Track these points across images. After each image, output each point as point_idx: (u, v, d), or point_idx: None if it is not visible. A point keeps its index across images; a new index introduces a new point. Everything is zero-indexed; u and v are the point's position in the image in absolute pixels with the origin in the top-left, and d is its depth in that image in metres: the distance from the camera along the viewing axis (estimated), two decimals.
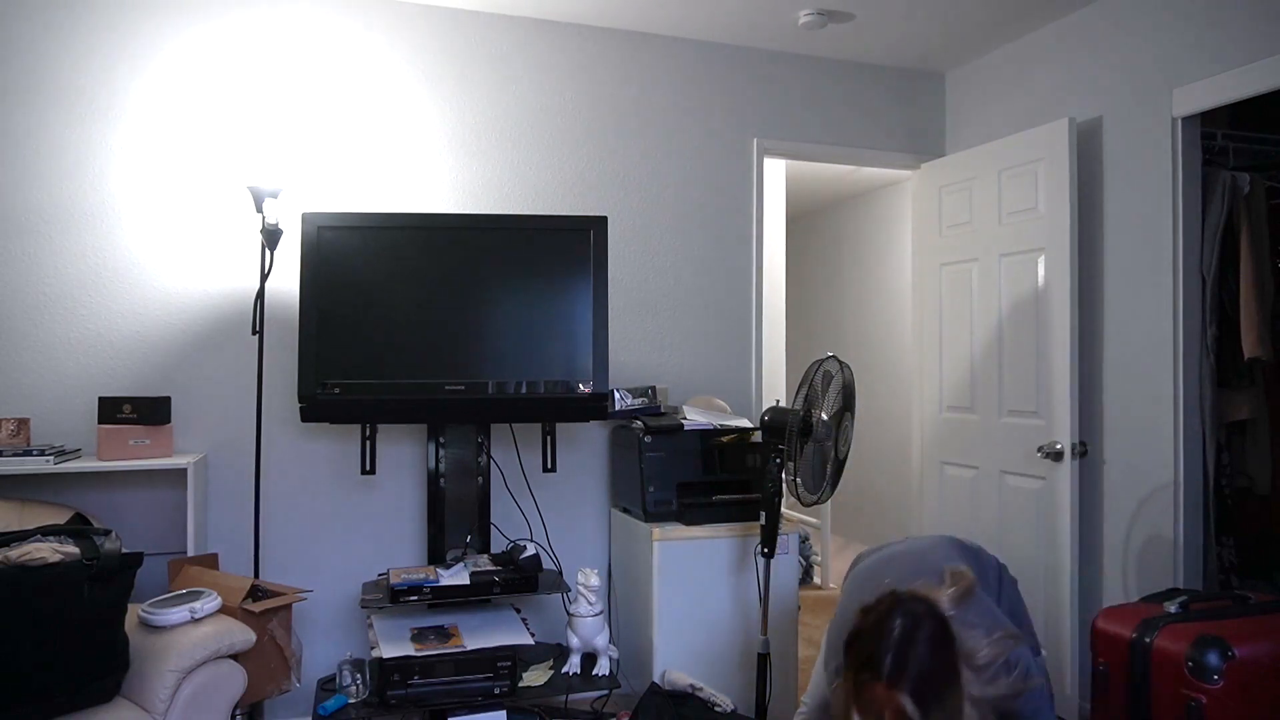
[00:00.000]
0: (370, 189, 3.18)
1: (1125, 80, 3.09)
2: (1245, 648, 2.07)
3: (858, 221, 6.13)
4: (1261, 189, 3.05)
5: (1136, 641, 2.22)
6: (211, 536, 2.98)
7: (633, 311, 3.50)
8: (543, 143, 3.39)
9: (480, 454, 3.02)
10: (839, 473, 2.73)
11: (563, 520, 3.37)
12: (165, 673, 2.15)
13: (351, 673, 2.68)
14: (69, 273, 2.87)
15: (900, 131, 3.92)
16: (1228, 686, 2.04)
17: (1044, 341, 3.22)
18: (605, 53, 3.48)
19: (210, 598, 2.36)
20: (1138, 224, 3.04)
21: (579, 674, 2.87)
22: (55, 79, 2.85)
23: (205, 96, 3.00)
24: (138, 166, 2.93)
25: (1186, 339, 2.90)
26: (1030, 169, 3.29)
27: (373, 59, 3.19)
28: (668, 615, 2.88)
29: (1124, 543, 3.06)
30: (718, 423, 3.11)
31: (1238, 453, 3.12)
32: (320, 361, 2.72)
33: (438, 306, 2.81)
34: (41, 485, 2.80)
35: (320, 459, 3.11)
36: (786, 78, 3.73)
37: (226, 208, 3.02)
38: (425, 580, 2.71)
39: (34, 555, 2.05)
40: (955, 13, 3.33)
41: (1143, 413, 3.01)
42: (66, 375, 2.86)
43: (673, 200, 3.56)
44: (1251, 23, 2.69)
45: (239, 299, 3.03)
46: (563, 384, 2.85)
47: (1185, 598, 2.33)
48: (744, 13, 3.33)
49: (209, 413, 3.00)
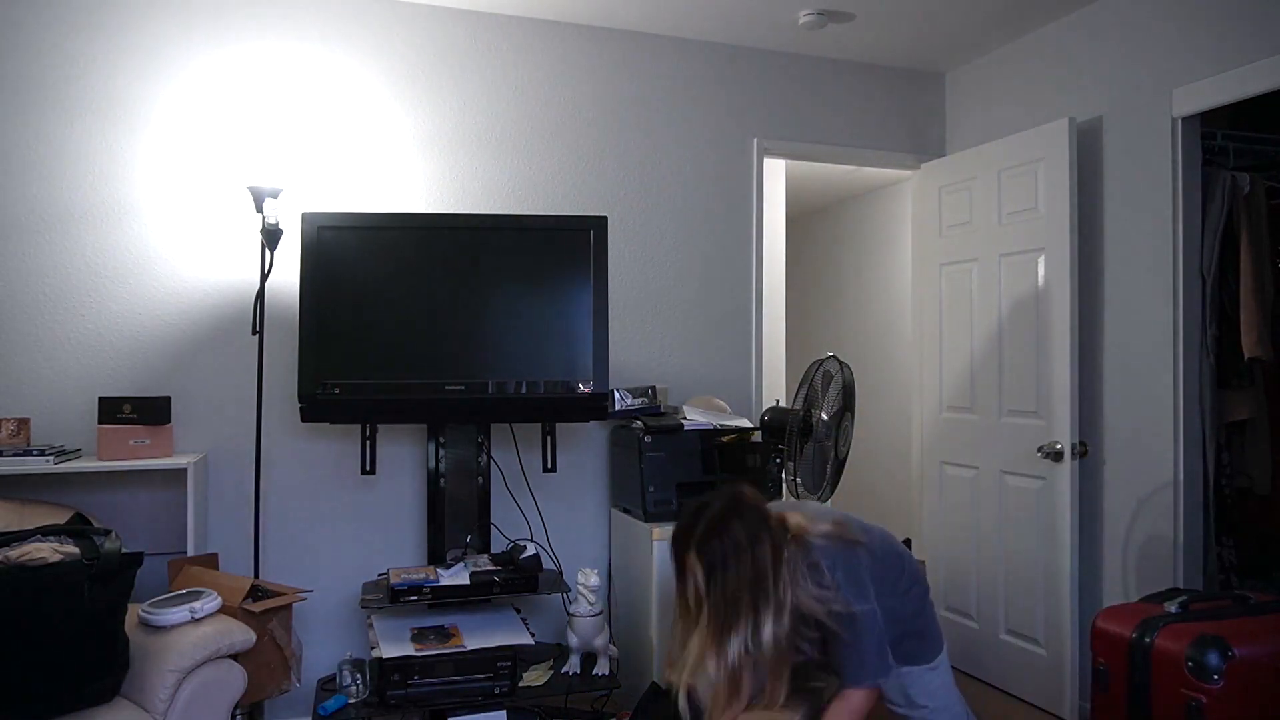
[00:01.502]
0: (369, 189, 3.18)
1: (1125, 80, 3.09)
2: (1245, 648, 2.07)
3: (858, 221, 6.13)
4: (1261, 189, 3.05)
5: (1136, 641, 2.22)
6: (211, 536, 2.98)
7: (633, 311, 3.50)
8: (543, 143, 3.39)
9: (480, 454, 3.02)
10: (839, 473, 2.73)
11: (563, 520, 3.37)
12: (165, 673, 2.15)
13: (351, 673, 2.68)
14: (69, 273, 2.87)
15: (900, 131, 3.92)
16: (1228, 686, 2.04)
17: (1044, 341, 3.22)
18: (605, 52, 3.48)
19: (210, 598, 2.36)
20: (1138, 224, 3.04)
21: (579, 674, 2.87)
22: (54, 81, 2.85)
23: (206, 98, 3.00)
24: (138, 167, 2.93)
25: (1186, 339, 2.90)
26: (1030, 169, 3.29)
27: (373, 59, 3.18)
28: (668, 615, 2.87)
29: (1124, 543, 3.06)
30: (718, 423, 3.11)
31: (1238, 453, 3.12)
32: (320, 361, 2.72)
33: (438, 306, 2.81)
34: (41, 485, 2.80)
35: (320, 459, 3.11)
36: (786, 78, 3.73)
37: (227, 208, 3.01)
38: (425, 580, 2.71)
39: (34, 555, 2.05)
40: (955, 13, 3.33)
41: (1143, 413, 3.01)
42: (66, 375, 2.86)
43: (673, 200, 3.56)
44: (1251, 23, 2.69)
45: (239, 299, 3.03)
46: (563, 384, 2.85)
47: (1185, 598, 2.33)
48: (744, 13, 3.33)
49: (209, 413, 3.00)
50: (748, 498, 1.93)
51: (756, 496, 1.95)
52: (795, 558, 1.88)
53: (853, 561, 1.96)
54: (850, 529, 2.03)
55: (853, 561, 1.96)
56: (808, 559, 1.90)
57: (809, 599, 1.86)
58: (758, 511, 1.90)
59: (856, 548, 1.99)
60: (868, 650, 1.91)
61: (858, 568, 1.96)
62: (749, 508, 1.89)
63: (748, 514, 1.88)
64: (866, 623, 1.90)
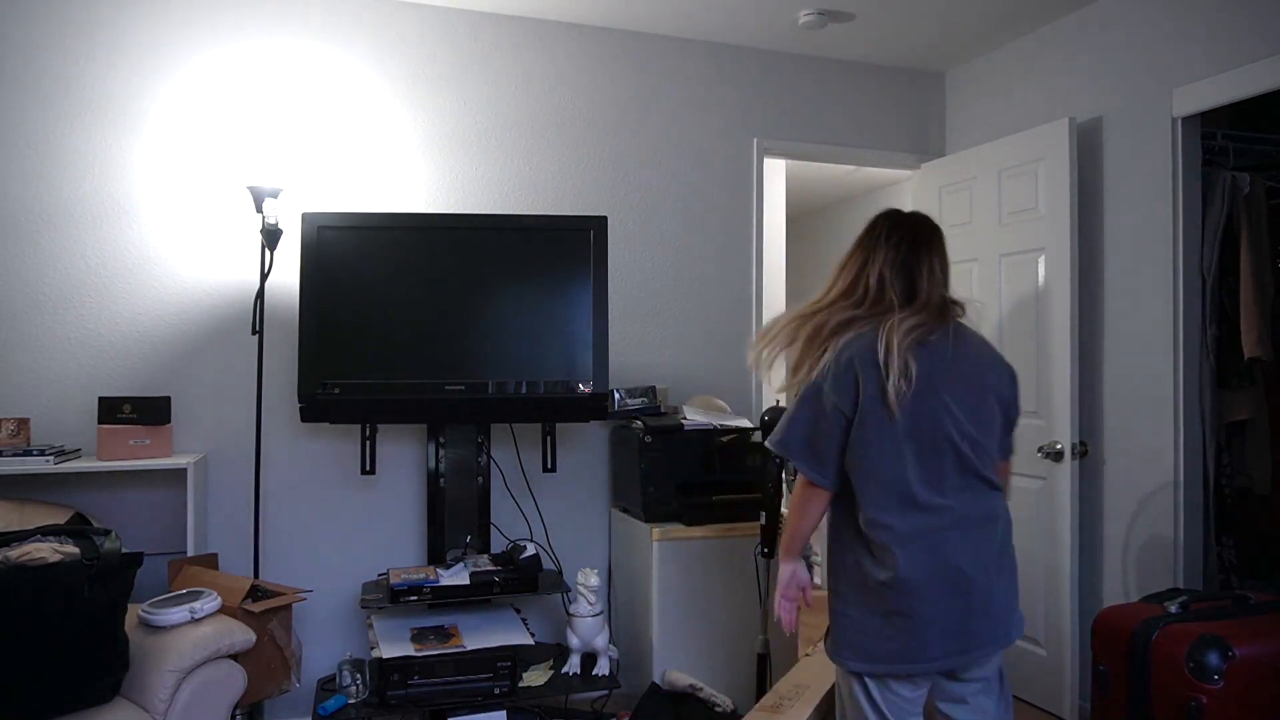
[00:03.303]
0: (369, 189, 3.18)
1: (1125, 80, 3.09)
2: (1245, 648, 2.07)
3: (858, 221, 6.09)
4: (1261, 189, 3.05)
5: (1137, 641, 2.22)
6: (211, 536, 2.98)
7: (633, 311, 3.50)
8: (543, 143, 3.39)
9: (480, 454, 3.02)
10: None
11: (563, 520, 3.37)
12: (165, 673, 2.15)
13: (351, 673, 2.68)
14: (69, 273, 2.87)
15: (900, 131, 3.91)
16: (1228, 686, 2.04)
17: (1044, 341, 3.22)
18: (605, 52, 3.47)
19: (210, 598, 2.36)
20: (1138, 224, 3.04)
21: (579, 674, 2.87)
22: (54, 81, 2.85)
23: (205, 97, 3.00)
24: (139, 168, 2.93)
25: (1186, 339, 2.90)
26: (1030, 169, 3.29)
27: (373, 59, 3.18)
28: (668, 615, 2.87)
29: (1124, 543, 3.06)
30: (718, 423, 3.11)
31: (1238, 453, 3.12)
32: (320, 361, 2.72)
33: (438, 306, 2.81)
34: (41, 485, 2.80)
35: (320, 459, 3.11)
36: (786, 78, 3.72)
37: (226, 208, 3.01)
38: (425, 580, 2.71)
39: (34, 555, 2.05)
40: (955, 13, 3.33)
41: (1143, 413, 3.01)
42: (66, 375, 2.86)
43: (673, 200, 3.56)
44: (1251, 23, 2.69)
45: (239, 299, 3.03)
46: (563, 384, 2.85)
47: (1185, 598, 2.33)
48: (744, 13, 3.33)
49: (209, 413, 3.00)
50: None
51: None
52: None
53: (844, 354, 1.79)
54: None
55: (844, 354, 1.79)
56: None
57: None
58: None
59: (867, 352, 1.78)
60: (800, 421, 1.81)
61: (846, 361, 1.79)
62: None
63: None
64: (805, 393, 1.81)
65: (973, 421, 1.78)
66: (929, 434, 1.75)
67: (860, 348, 1.77)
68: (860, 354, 1.76)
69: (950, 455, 1.76)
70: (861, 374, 1.75)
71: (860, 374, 1.75)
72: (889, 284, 1.83)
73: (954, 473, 1.76)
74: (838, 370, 1.77)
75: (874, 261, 1.88)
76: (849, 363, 1.77)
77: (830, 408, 1.77)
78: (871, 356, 1.75)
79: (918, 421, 1.74)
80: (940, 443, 1.75)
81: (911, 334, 1.75)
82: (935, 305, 1.82)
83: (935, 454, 1.75)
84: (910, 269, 1.85)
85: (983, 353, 1.86)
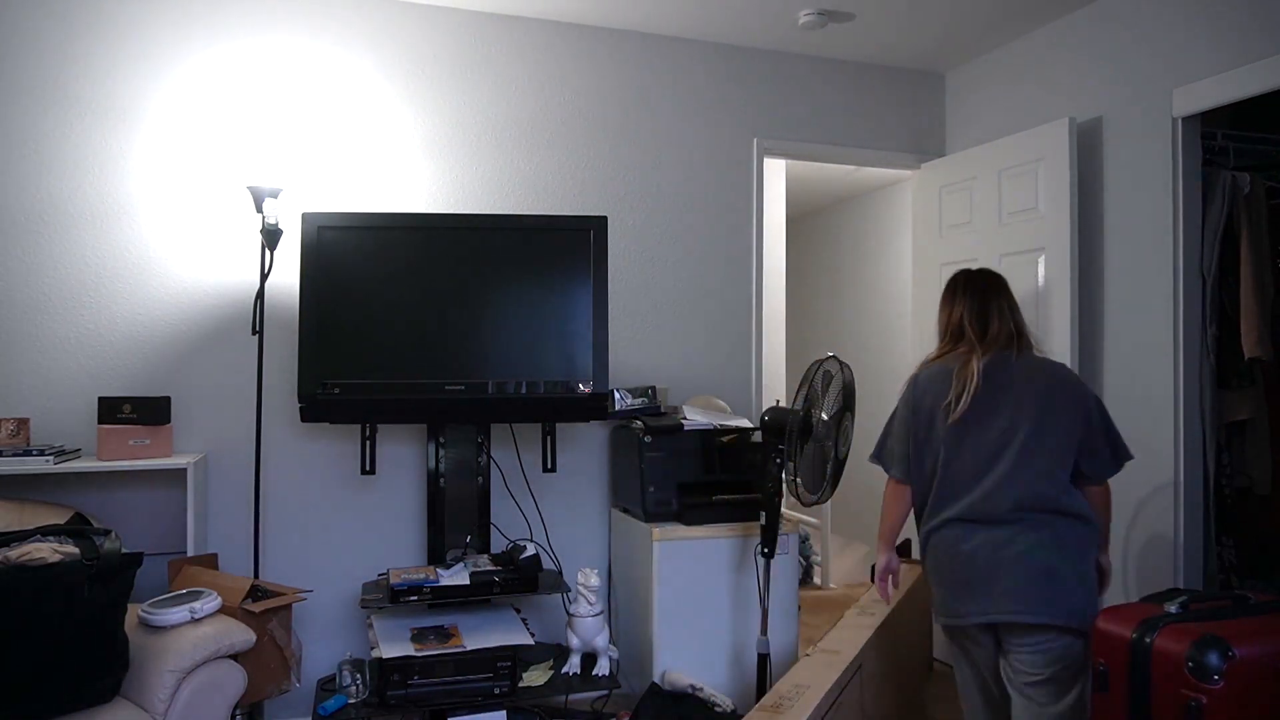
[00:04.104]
0: (370, 189, 3.18)
1: (1125, 80, 3.09)
2: (1245, 648, 2.07)
3: (858, 221, 6.13)
4: (1261, 189, 3.05)
5: (1136, 641, 2.22)
6: (211, 536, 2.98)
7: (633, 311, 3.50)
8: (543, 143, 3.39)
9: (480, 454, 3.02)
10: (839, 473, 2.73)
11: (563, 520, 3.37)
12: (165, 673, 2.15)
13: (351, 673, 2.68)
14: (68, 272, 2.87)
15: (900, 131, 3.92)
16: (1228, 687, 2.04)
17: (1044, 341, 3.21)
18: (605, 52, 3.48)
19: (210, 598, 2.36)
20: (1138, 224, 3.04)
21: (579, 674, 2.87)
22: (53, 81, 2.85)
23: (205, 97, 3.00)
24: (139, 168, 2.93)
25: (1186, 339, 2.90)
26: (1030, 169, 3.29)
27: (373, 59, 3.18)
28: (668, 615, 2.87)
29: (1124, 543, 3.06)
30: (718, 423, 3.11)
31: (1238, 453, 3.12)
32: (320, 361, 2.72)
33: (438, 306, 2.81)
34: (41, 485, 2.80)
35: (320, 459, 3.11)
36: (786, 78, 3.73)
37: (226, 208, 3.01)
38: (425, 580, 2.71)
39: (34, 555, 2.05)
40: (955, 13, 3.33)
41: (1143, 413, 3.01)
42: (66, 375, 2.86)
43: (673, 200, 3.56)
44: (1251, 23, 2.69)
45: (239, 299, 3.03)
46: (563, 384, 2.85)
47: (1185, 598, 2.32)
48: (744, 13, 3.33)
49: (209, 413, 3.00)
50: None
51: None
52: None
53: (920, 378, 2.31)
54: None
55: (920, 378, 2.31)
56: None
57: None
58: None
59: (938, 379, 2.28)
60: (886, 434, 2.34)
61: (921, 385, 2.30)
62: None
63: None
64: (892, 411, 2.35)
65: (1031, 433, 2.15)
66: (986, 442, 2.17)
67: (933, 372, 2.27)
68: (932, 376, 2.27)
69: (1007, 460, 2.15)
70: (930, 393, 2.24)
71: (930, 394, 2.24)
72: (968, 325, 2.29)
73: (1003, 477, 2.15)
74: (914, 392, 2.28)
75: (955, 310, 2.35)
76: (925, 383, 2.27)
77: (903, 420, 2.29)
78: (942, 380, 2.23)
79: (974, 432, 2.18)
80: (995, 448, 2.16)
81: (974, 362, 2.21)
82: (1004, 339, 2.26)
83: (992, 459, 2.16)
84: (984, 313, 2.30)
85: (1053, 374, 2.22)
